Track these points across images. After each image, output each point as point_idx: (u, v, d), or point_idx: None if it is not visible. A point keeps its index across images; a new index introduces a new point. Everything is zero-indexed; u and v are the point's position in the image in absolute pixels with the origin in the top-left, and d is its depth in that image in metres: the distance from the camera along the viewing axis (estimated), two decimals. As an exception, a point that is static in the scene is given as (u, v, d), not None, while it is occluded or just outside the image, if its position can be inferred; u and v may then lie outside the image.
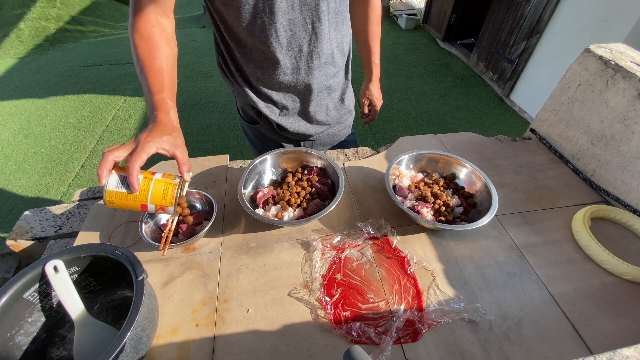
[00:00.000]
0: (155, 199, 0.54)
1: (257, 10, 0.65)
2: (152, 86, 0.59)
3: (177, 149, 0.56)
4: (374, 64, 0.98)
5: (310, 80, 0.79)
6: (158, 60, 0.60)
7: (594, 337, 0.53)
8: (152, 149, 0.52)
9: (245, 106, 0.89)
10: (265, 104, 0.83)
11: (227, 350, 0.52)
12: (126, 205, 0.54)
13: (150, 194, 0.54)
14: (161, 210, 0.56)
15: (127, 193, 0.52)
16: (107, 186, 0.52)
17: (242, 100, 0.87)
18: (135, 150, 0.51)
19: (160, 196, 0.54)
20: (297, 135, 0.91)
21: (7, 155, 2.46)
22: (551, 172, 0.84)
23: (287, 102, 0.83)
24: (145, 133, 0.54)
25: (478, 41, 3.38)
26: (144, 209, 0.55)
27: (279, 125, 0.88)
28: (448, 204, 0.70)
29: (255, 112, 0.88)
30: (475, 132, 0.96)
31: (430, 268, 0.62)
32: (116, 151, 0.51)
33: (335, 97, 0.90)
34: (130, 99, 3.09)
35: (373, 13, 0.89)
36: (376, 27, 0.92)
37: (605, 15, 2.17)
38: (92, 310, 0.56)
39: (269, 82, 0.78)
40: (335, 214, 0.72)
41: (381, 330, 0.53)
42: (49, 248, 0.70)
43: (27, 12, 4.34)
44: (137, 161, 0.50)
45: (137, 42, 0.60)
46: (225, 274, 0.62)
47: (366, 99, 1.05)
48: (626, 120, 0.72)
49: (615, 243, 0.67)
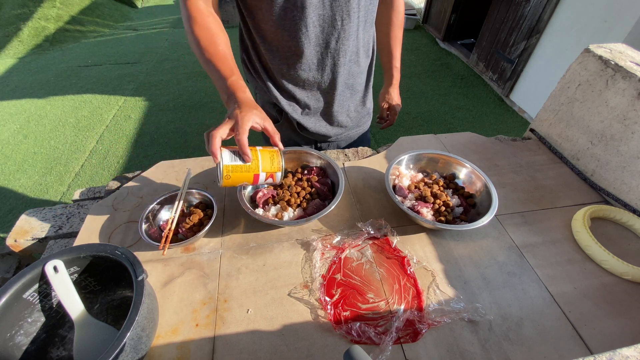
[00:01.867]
0: (265, 166, 0.57)
1: (288, 5, 0.66)
2: (222, 71, 0.61)
3: (266, 121, 0.58)
4: (395, 68, 0.97)
5: (334, 77, 0.80)
6: (220, 46, 0.63)
7: (594, 337, 0.53)
8: (250, 123, 0.55)
9: (267, 104, 0.89)
10: (288, 102, 0.84)
11: (227, 350, 0.52)
12: (240, 179, 0.57)
13: (260, 163, 0.57)
14: (270, 179, 0.58)
15: (241, 165, 0.56)
16: (223, 161, 0.55)
17: (264, 97, 0.87)
18: (237, 124, 0.54)
19: (269, 163, 0.57)
20: (316, 135, 0.91)
21: (7, 155, 2.46)
22: (551, 172, 0.84)
23: (309, 101, 0.84)
24: (237, 110, 0.55)
25: (478, 41, 3.38)
26: (255, 179, 0.57)
27: (299, 124, 0.88)
28: (448, 204, 0.70)
29: (276, 110, 0.88)
30: (475, 132, 0.96)
31: (430, 268, 0.62)
32: (220, 129, 0.54)
33: (357, 98, 0.90)
34: (130, 99, 3.09)
35: (397, 17, 0.89)
36: (399, 31, 0.92)
37: (605, 15, 2.17)
38: (92, 310, 0.56)
39: (294, 78, 0.79)
40: (335, 214, 0.72)
41: (381, 330, 0.53)
42: (48, 248, 0.70)
43: (27, 12, 4.34)
44: (243, 133, 0.53)
45: (198, 32, 0.63)
46: (225, 274, 0.62)
47: (386, 103, 1.03)
48: (626, 120, 0.72)
49: (615, 243, 0.67)
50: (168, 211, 0.70)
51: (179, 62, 3.74)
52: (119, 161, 2.41)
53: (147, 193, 0.77)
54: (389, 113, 1.05)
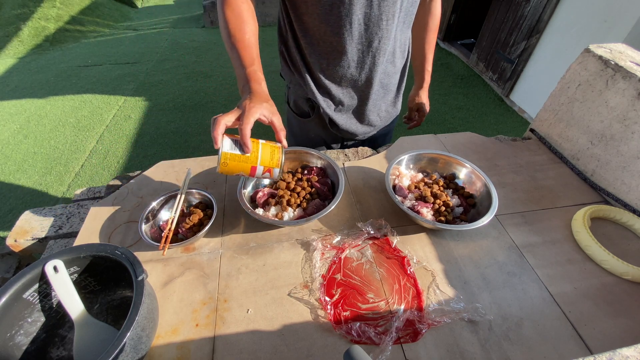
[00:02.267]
0: (264, 160, 0.56)
1: (335, 0, 0.67)
2: (243, 59, 0.61)
3: (274, 116, 0.58)
4: (426, 71, 0.98)
5: (372, 76, 0.80)
6: (247, 34, 0.63)
7: (594, 337, 0.53)
8: (256, 115, 0.55)
9: (299, 99, 0.90)
10: (323, 98, 0.84)
11: (227, 350, 0.52)
12: (237, 168, 0.56)
13: (259, 155, 0.56)
14: (267, 174, 0.57)
15: (240, 154, 0.55)
16: (223, 148, 0.54)
17: (298, 92, 0.88)
18: (243, 114, 0.54)
19: (269, 158, 0.57)
20: (344, 133, 0.92)
21: (7, 155, 2.46)
22: (551, 172, 0.84)
23: (344, 98, 0.84)
24: (247, 101, 0.56)
25: (478, 41, 3.38)
26: (252, 171, 0.57)
27: (331, 121, 0.88)
28: (448, 204, 0.70)
29: (308, 105, 0.89)
30: (475, 132, 0.96)
31: (430, 268, 0.62)
32: (226, 116, 0.54)
33: (389, 98, 0.91)
34: (130, 99, 3.09)
35: (433, 21, 0.91)
36: (433, 36, 0.93)
37: (605, 15, 2.17)
38: (92, 310, 0.56)
39: (332, 73, 0.79)
40: (335, 214, 0.72)
41: (381, 330, 0.53)
42: (48, 248, 0.70)
43: (27, 12, 4.34)
44: (247, 124, 0.53)
45: (229, 16, 0.63)
46: (225, 274, 0.62)
47: (415, 105, 1.05)
48: (626, 120, 0.72)
49: (615, 243, 0.67)
50: (168, 211, 0.70)
51: (179, 62, 3.74)
52: (119, 161, 2.41)
53: (147, 193, 0.77)
54: (417, 114, 1.07)
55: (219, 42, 4.24)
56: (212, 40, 4.31)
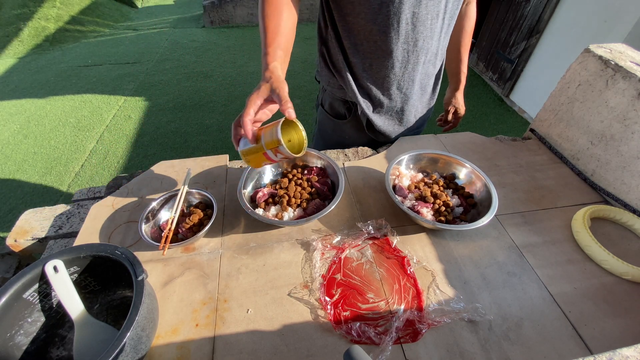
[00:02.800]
0: (267, 143, 0.56)
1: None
2: (264, 45, 0.61)
3: (274, 92, 0.56)
4: (462, 73, 0.98)
5: (414, 76, 0.81)
6: (275, 22, 0.62)
7: (594, 337, 0.53)
8: (255, 103, 0.55)
9: (336, 101, 0.89)
10: (363, 99, 0.84)
11: (227, 350, 0.52)
12: (257, 160, 0.59)
13: (262, 140, 0.56)
14: (280, 155, 0.57)
15: (251, 147, 0.57)
16: (239, 148, 0.58)
17: (334, 94, 0.88)
18: (244, 109, 0.55)
19: (269, 138, 0.56)
20: (380, 135, 0.92)
21: (7, 155, 2.46)
22: (551, 172, 0.84)
23: (384, 99, 0.84)
24: (253, 94, 0.57)
25: (478, 41, 3.38)
26: (268, 158, 0.58)
27: (369, 122, 0.88)
28: (448, 204, 0.70)
29: (345, 108, 0.89)
30: (475, 132, 0.96)
31: (430, 268, 0.62)
32: (237, 119, 0.57)
33: (425, 99, 0.91)
34: (130, 99, 3.09)
35: (469, 24, 0.91)
36: (469, 39, 0.93)
37: (605, 15, 2.17)
38: (92, 310, 0.56)
39: (375, 74, 0.79)
40: (335, 214, 0.72)
41: (381, 330, 0.53)
42: (48, 248, 0.70)
43: (27, 12, 4.34)
44: (246, 115, 0.54)
45: (265, 3, 0.63)
46: (225, 274, 0.62)
47: (452, 107, 1.03)
48: (626, 120, 0.72)
49: (615, 243, 0.67)
50: (168, 211, 0.70)
51: (179, 62, 3.74)
52: (119, 161, 2.41)
53: (147, 193, 0.77)
54: (453, 116, 1.05)
55: (219, 42, 4.24)
56: (212, 40, 4.31)
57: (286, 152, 0.56)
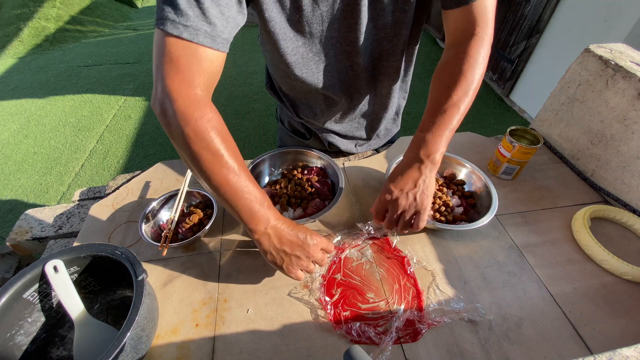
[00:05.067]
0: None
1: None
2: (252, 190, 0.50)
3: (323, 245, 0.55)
4: (431, 133, 0.56)
5: (365, 111, 0.78)
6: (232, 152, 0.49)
7: (594, 337, 0.53)
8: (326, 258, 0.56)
9: (295, 122, 0.86)
10: (321, 131, 0.82)
11: (227, 350, 0.52)
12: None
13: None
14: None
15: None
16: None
17: (292, 116, 0.83)
18: (312, 259, 0.54)
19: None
20: (345, 152, 0.89)
21: (7, 155, 2.46)
22: (551, 172, 0.83)
23: (340, 129, 0.81)
24: (308, 239, 0.53)
25: (478, 41, 3.37)
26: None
27: (330, 144, 0.86)
28: (448, 204, 0.70)
29: (304, 128, 0.86)
30: (475, 132, 0.96)
31: (430, 268, 0.62)
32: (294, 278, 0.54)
33: (389, 116, 0.83)
34: (130, 99, 3.09)
35: (461, 71, 0.56)
36: (459, 93, 0.56)
37: (605, 15, 2.17)
38: (92, 310, 0.56)
39: (324, 118, 0.77)
40: (335, 214, 0.72)
41: (381, 330, 0.53)
42: (49, 248, 0.70)
43: (27, 12, 4.34)
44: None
45: (205, 153, 0.46)
46: (225, 274, 0.62)
47: (387, 193, 0.58)
48: (626, 120, 0.72)
49: (615, 243, 0.67)
50: (168, 211, 0.70)
51: (179, 62, 3.74)
52: (119, 161, 2.41)
53: (147, 193, 0.77)
54: (395, 214, 0.59)
55: (219, 42, 4.24)
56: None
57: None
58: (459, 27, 0.57)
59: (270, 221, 0.51)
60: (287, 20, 0.55)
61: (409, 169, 0.57)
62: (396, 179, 0.57)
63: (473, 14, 0.55)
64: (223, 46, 0.47)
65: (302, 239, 0.52)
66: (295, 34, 0.57)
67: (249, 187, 0.49)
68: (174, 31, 0.42)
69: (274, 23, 0.54)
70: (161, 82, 0.44)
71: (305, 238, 0.53)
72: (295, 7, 0.53)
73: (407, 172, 0.56)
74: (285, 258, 0.52)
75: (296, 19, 0.54)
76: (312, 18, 0.55)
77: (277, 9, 0.52)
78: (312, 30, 0.57)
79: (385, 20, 0.58)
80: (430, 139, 0.55)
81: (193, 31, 0.43)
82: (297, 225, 0.54)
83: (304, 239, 0.52)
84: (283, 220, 0.53)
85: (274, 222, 0.51)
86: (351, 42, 0.61)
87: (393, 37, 0.62)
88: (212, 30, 0.44)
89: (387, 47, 0.63)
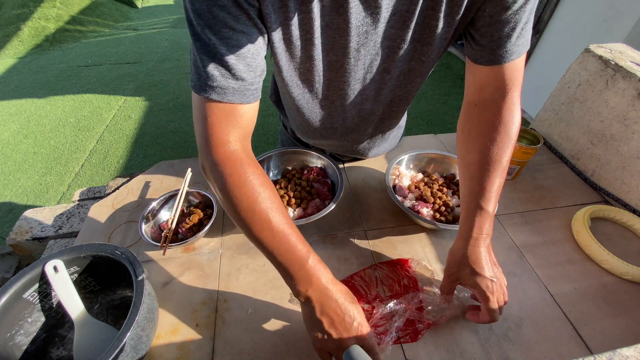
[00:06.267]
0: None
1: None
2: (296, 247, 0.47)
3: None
4: (482, 211, 0.53)
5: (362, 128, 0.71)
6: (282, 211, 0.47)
7: (594, 337, 0.53)
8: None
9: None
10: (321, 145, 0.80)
11: (227, 350, 0.52)
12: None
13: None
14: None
15: None
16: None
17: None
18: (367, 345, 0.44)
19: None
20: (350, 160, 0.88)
21: (7, 155, 2.46)
22: (551, 172, 0.84)
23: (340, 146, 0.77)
24: (353, 319, 0.45)
25: (478, 41, 3.37)
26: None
27: (332, 155, 0.85)
28: (448, 204, 0.70)
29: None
30: (475, 132, 0.96)
31: (430, 268, 0.62)
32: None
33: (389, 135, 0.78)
34: (130, 99, 3.09)
35: (498, 136, 0.55)
36: (497, 163, 0.54)
37: (605, 15, 2.17)
38: (92, 310, 0.56)
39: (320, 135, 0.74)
40: (335, 214, 0.72)
41: (381, 330, 0.53)
42: (49, 248, 0.70)
43: (27, 12, 4.34)
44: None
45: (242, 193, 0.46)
46: (225, 274, 0.62)
47: (455, 270, 0.53)
48: (626, 120, 0.72)
49: (615, 243, 0.67)
50: (168, 211, 0.70)
51: (179, 62, 3.74)
52: (119, 161, 2.41)
53: (147, 193, 0.77)
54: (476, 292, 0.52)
55: (219, 42, 4.24)
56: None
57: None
58: (490, 84, 0.54)
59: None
60: (295, 70, 0.53)
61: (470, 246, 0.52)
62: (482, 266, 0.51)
63: (507, 74, 0.52)
64: (254, 97, 0.48)
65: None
66: (303, 82, 0.56)
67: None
68: (203, 93, 0.44)
69: (284, 70, 0.53)
70: (199, 144, 0.49)
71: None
72: (307, 56, 0.51)
73: (485, 257, 0.52)
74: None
75: (306, 67, 0.53)
76: (322, 66, 0.53)
77: (287, 57, 0.51)
78: (321, 79, 0.56)
79: (400, 69, 0.55)
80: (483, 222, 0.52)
81: (221, 91, 0.44)
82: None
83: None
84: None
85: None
86: (360, 91, 0.58)
87: (407, 85, 0.59)
88: (240, 85, 0.45)
89: (400, 94, 0.61)
